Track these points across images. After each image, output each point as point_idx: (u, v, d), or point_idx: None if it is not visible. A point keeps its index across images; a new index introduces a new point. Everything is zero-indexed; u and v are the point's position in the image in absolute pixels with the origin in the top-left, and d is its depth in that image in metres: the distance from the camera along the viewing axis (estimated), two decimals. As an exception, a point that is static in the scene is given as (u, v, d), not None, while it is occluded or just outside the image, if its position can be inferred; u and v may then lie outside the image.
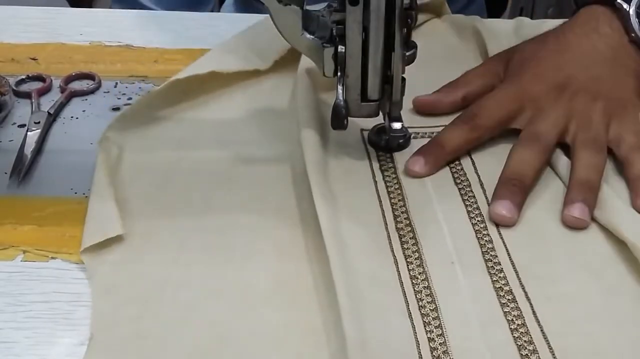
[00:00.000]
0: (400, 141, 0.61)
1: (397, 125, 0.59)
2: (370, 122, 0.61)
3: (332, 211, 0.53)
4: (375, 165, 0.60)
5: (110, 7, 1.01)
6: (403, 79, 0.57)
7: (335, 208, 0.54)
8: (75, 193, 0.57)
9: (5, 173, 0.59)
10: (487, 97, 0.62)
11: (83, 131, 0.64)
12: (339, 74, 0.56)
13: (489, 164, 0.59)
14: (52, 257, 0.52)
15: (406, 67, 0.57)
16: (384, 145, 0.61)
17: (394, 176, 0.59)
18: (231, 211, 0.55)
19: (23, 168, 0.59)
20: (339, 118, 0.57)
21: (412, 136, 0.62)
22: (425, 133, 0.63)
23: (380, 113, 0.60)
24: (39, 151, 0.61)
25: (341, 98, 0.56)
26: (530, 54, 0.64)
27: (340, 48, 0.56)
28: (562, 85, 0.61)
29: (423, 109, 0.65)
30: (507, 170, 0.57)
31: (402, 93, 0.58)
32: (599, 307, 0.48)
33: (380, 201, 0.56)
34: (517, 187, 0.55)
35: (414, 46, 0.57)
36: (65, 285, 0.50)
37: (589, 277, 0.50)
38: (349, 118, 0.57)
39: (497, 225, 0.54)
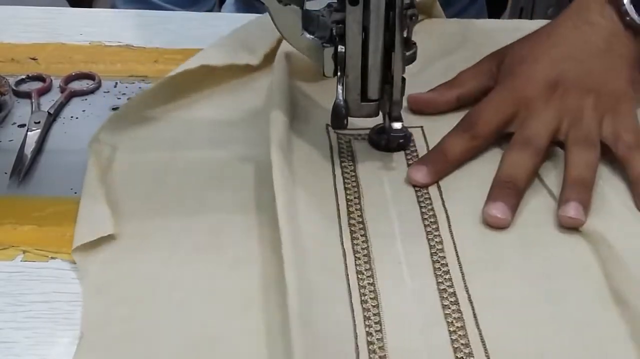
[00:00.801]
0: (401, 141, 0.61)
1: (397, 125, 0.59)
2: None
3: (290, 197, 0.53)
4: (336, 160, 0.60)
5: (115, 7, 1.01)
6: (403, 79, 0.57)
7: (293, 195, 0.54)
8: (75, 193, 0.57)
9: (5, 173, 0.59)
10: (483, 103, 0.62)
11: (83, 131, 0.64)
12: (339, 74, 0.56)
13: None
14: (52, 257, 0.52)
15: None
16: (384, 145, 0.61)
17: (353, 173, 0.59)
18: (223, 211, 0.55)
19: (23, 168, 0.59)
20: (339, 118, 0.57)
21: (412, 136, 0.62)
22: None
23: (380, 113, 0.60)
24: (39, 151, 0.61)
25: (341, 98, 0.56)
26: (523, 53, 0.64)
27: (340, 48, 0.56)
28: (553, 84, 0.61)
29: (417, 106, 0.65)
30: (500, 173, 0.57)
31: (402, 93, 0.58)
32: (543, 312, 0.48)
33: (336, 196, 0.56)
34: (510, 190, 0.55)
35: (414, 46, 0.57)
36: (65, 285, 0.50)
37: (536, 282, 0.50)
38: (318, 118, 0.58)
39: (450, 226, 0.54)
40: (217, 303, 0.48)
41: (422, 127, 0.63)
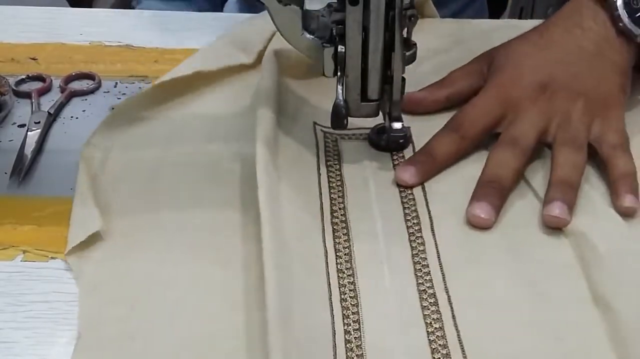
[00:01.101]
0: (401, 140, 0.61)
1: (397, 125, 0.59)
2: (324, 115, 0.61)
3: (273, 195, 0.53)
4: (322, 159, 0.60)
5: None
6: (403, 79, 0.57)
7: (277, 193, 0.54)
8: (75, 193, 0.57)
9: (5, 173, 0.59)
10: (471, 104, 0.61)
11: (83, 131, 0.64)
12: (339, 74, 0.56)
13: None
14: (52, 257, 0.52)
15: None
16: (384, 145, 0.61)
17: (338, 172, 0.59)
18: (218, 208, 0.55)
19: (23, 168, 0.59)
20: (339, 118, 0.57)
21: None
22: None
23: (380, 113, 0.60)
24: (39, 150, 0.61)
25: (341, 98, 0.56)
26: (513, 54, 0.64)
27: (340, 48, 0.56)
28: (542, 86, 0.60)
29: (407, 106, 0.64)
30: (485, 173, 0.57)
31: (402, 93, 0.58)
32: (523, 314, 0.48)
33: (320, 195, 0.56)
34: (495, 189, 0.55)
35: (414, 46, 0.57)
36: (65, 285, 0.50)
37: (518, 283, 0.50)
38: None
39: (432, 227, 0.54)
40: (212, 302, 0.48)
41: (409, 127, 0.63)
